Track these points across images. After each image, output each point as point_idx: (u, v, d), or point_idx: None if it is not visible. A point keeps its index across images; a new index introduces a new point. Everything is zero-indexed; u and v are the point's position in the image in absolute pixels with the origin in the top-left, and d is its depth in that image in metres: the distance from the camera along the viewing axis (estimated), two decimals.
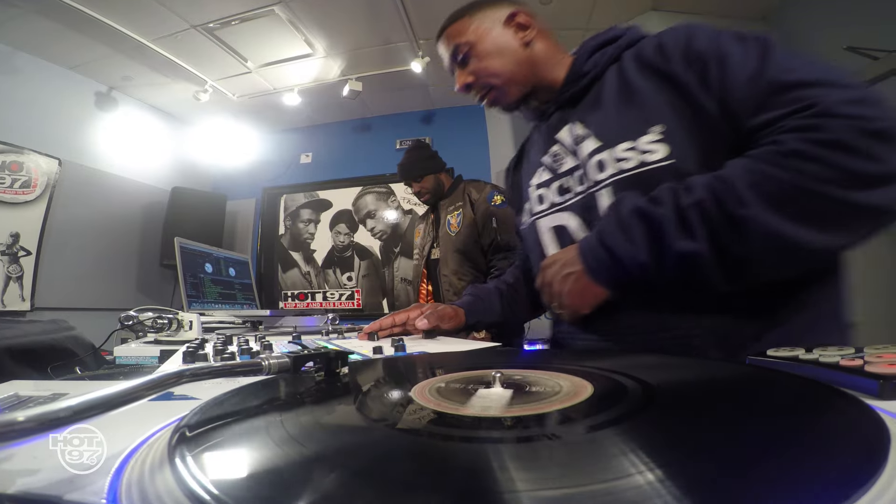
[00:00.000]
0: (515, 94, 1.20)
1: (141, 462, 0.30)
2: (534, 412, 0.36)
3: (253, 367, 0.51)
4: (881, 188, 0.68)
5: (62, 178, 4.04)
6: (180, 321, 1.26)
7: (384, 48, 4.25)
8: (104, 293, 4.32)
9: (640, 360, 0.60)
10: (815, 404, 0.36)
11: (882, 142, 0.68)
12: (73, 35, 3.76)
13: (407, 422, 0.38)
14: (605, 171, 0.98)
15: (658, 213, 0.80)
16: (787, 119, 0.76)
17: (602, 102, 1.04)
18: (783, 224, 0.70)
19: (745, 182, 0.73)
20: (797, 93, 0.76)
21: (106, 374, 0.99)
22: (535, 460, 0.28)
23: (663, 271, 0.80)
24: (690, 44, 0.91)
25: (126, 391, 0.34)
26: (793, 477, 0.22)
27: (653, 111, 0.93)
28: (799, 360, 0.49)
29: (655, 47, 0.98)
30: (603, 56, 1.10)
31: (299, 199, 5.70)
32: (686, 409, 0.38)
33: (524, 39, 1.18)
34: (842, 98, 0.73)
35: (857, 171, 0.68)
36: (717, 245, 0.75)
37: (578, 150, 1.06)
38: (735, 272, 0.76)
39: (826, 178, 0.69)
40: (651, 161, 0.90)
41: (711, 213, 0.75)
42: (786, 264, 0.76)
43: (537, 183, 1.19)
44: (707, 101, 0.86)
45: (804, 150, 0.71)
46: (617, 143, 0.96)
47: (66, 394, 0.52)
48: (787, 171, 0.71)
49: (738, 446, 0.27)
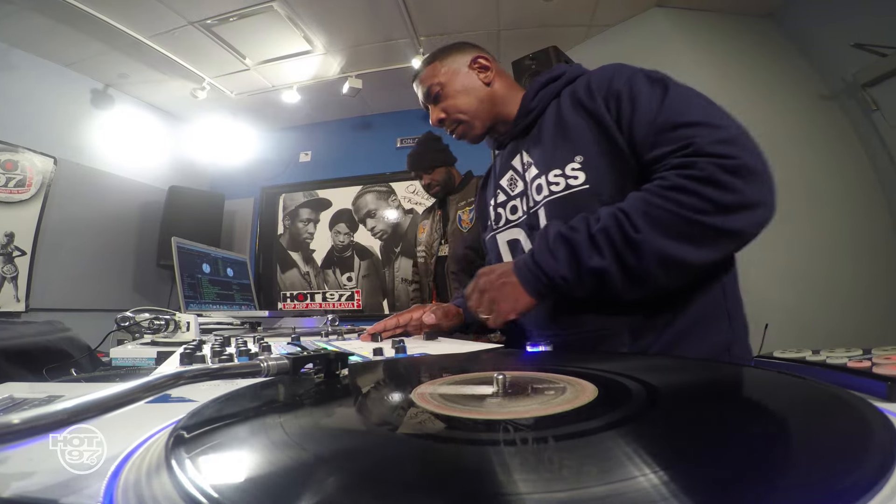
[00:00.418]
0: (480, 127, 1.41)
1: (138, 465, 0.31)
2: (537, 414, 0.36)
3: (251, 369, 0.51)
4: (738, 214, 0.91)
5: (57, 177, 4.04)
6: (177, 322, 1.26)
7: (385, 45, 4.25)
8: (100, 294, 4.32)
9: (645, 362, 0.60)
10: (823, 406, 0.36)
11: (739, 177, 0.90)
12: (68, 32, 3.76)
13: (408, 425, 0.38)
14: (541, 194, 1.22)
15: (575, 238, 1.01)
16: (671, 157, 0.99)
17: (542, 135, 1.28)
18: (668, 245, 0.92)
19: (639, 212, 0.95)
20: (681, 132, 0.99)
21: (102, 376, 1.00)
22: (538, 463, 0.28)
23: (581, 282, 1.01)
24: (611, 85, 1.15)
25: (122, 393, 0.34)
26: (801, 481, 0.22)
27: (578, 143, 1.16)
28: (806, 362, 0.49)
29: (586, 86, 1.20)
30: (547, 93, 1.32)
31: (298, 199, 5.69)
32: (691, 411, 0.38)
33: (485, 80, 1.39)
34: (713, 139, 0.95)
35: (720, 201, 0.90)
36: (620, 262, 0.96)
37: (525, 176, 1.30)
38: (637, 283, 0.97)
39: (698, 208, 0.91)
40: (574, 185, 1.14)
41: (614, 237, 0.96)
42: (675, 275, 0.97)
43: (496, 203, 1.42)
44: (619, 137, 1.10)
45: (682, 185, 0.93)
46: (550, 170, 1.20)
47: (61, 396, 0.52)
48: (669, 203, 0.93)
49: (745, 450, 0.27)
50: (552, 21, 3.93)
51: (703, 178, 0.91)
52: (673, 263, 0.93)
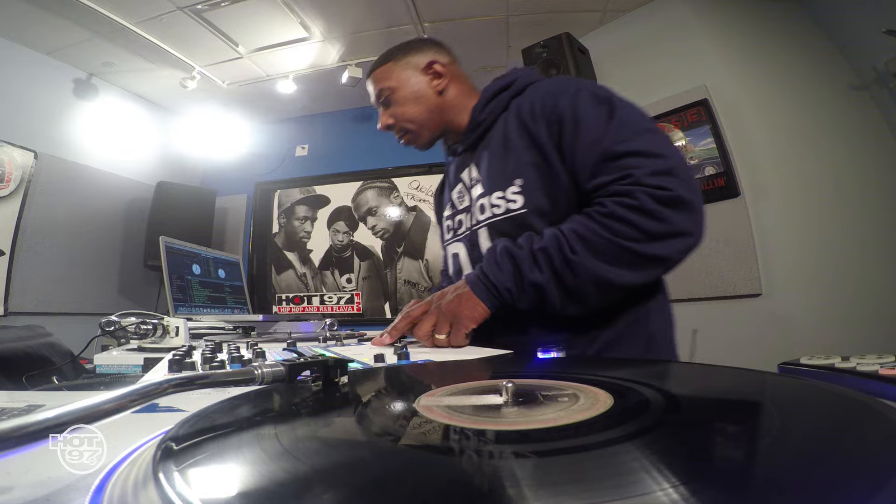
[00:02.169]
0: (427, 137, 1.51)
1: (123, 479, 0.30)
2: (548, 425, 0.36)
3: (245, 377, 0.51)
4: (666, 242, 1.06)
5: (38, 173, 4.06)
6: (166, 327, 1.26)
7: (386, 31, 4.25)
8: (83, 296, 4.34)
9: (663, 368, 0.60)
10: (854, 418, 0.36)
11: (670, 208, 1.04)
12: (49, 18, 3.78)
13: (411, 436, 0.38)
14: (484, 214, 1.35)
15: (519, 253, 1.14)
16: (611, 185, 1.11)
17: (489, 152, 1.38)
18: (601, 267, 1.06)
19: (576, 235, 1.09)
20: (621, 162, 1.11)
21: (85, 384, 1.00)
22: (550, 476, 0.27)
23: (524, 295, 1.14)
24: (555, 107, 1.24)
25: (107, 402, 0.34)
26: (831, 496, 0.21)
27: (518, 166, 1.28)
28: (835, 369, 0.49)
29: (530, 106, 1.30)
30: (496, 104, 1.41)
31: (294, 195, 5.71)
32: (713, 421, 0.38)
33: (437, 88, 1.46)
34: (650, 170, 1.07)
35: (650, 230, 1.04)
36: (557, 278, 1.10)
37: (472, 192, 1.43)
38: (573, 299, 1.11)
39: (630, 236, 1.05)
40: (513, 209, 1.27)
41: (553, 256, 1.10)
42: (607, 294, 1.12)
43: (446, 215, 1.56)
44: (558, 163, 1.23)
45: (617, 213, 1.06)
46: (493, 192, 1.32)
47: (42, 405, 0.52)
48: (604, 229, 1.07)
49: (771, 462, 0.26)
50: (564, 6, 3.93)
51: (637, 207, 1.05)
52: (605, 284, 1.08)
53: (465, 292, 1.20)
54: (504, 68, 4.67)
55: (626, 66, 3.95)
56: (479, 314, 1.17)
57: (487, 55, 4.53)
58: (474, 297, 1.17)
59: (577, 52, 3.72)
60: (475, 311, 1.17)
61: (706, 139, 3.43)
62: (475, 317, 1.16)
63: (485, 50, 4.47)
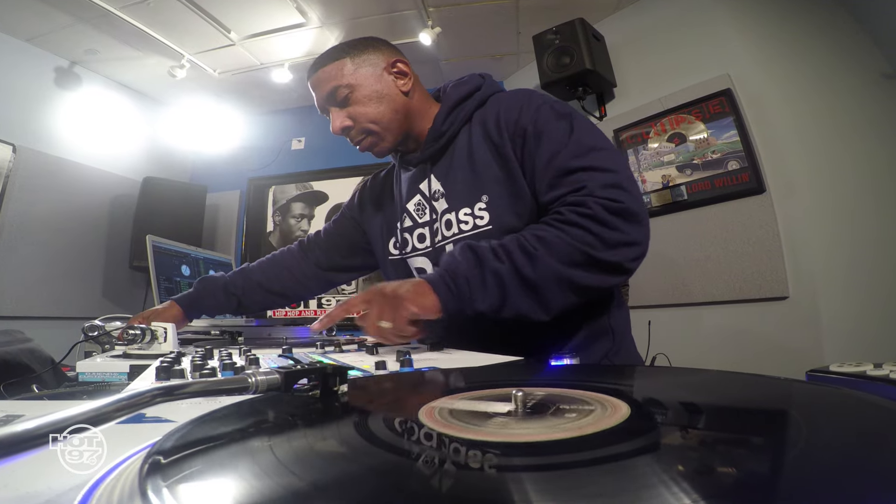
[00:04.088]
0: (390, 141, 1.50)
1: (108, 494, 0.31)
2: (562, 436, 0.36)
3: (237, 385, 0.51)
4: (618, 250, 1.16)
5: (17, 167, 4.05)
6: (153, 332, 1.26)
7: (388, 17, 4.24)
8: (65, 299, 4.34)
9: (684, 378, 0.59)
10: (886, 426, 0.36)
11: (621, 218, 1.16)
12: (29, 2, 3.77)
13: (415, 448, 0.38)
14: (451, 230, 1.43)
15: (481, 247, 1.19)
16: (566, 196, 1.22)
17: (453, 166, 1.45)
18: (560, 267, 1.14)
19: (536, 237, 1.16)
20: (577, 175, 1.23)
21: (67, 393, 1.00)
22: (562, 491, 0.27)
23: (483, 287, 1.16)
24: (518, 121, 1.34)
25: (91, 413, 0.34)
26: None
27: (485, 182, 1.38)
28: (866, 377, 0.48)
29: (495, 120, 1.39)
30: (460, 113, 1.46)
31: (290, 191, 5.70)
32: (737, 431, 0.38)
33: (403, 88, 1.47)
34: (603, 182, 1.20)
35: (604, 237, 1.14)
36: (517, 271, 1.15)
37: (435, 206, 1.48)
38: (535, 294, 1.16)
39: (586, 241, 1.14)
40: (480, 226, 1.37)
41: (513, 250, 1.16)
42: (566, 292, 1.17)
43: (402, 227, 1.58)
44: (522, 177, 1.34)
45: (574, 220, 1.16)
46: (460, 209, 1.41)
47: (21, 416, 0.53)
48: (562, 233, 1.16)
49: (797, 476, 0.26)
50: None
51: (590, 215, 1.15)
52: (566, 281, 1.16)
53: (416, 281, 1.21)
54: (515, 55, 4.72)
55: (644, 53, 3.93)
56: (426, 303, 1.15)
57: (496, 42, 4.53)
58: (425, 286, 1.17)
59: (591, 38, 3.71)
60: (422, 298, 1.15)
61: (729, 132, 3.39)
62: (421, 303, 1.14)
63: (493, 37, 4.46)
